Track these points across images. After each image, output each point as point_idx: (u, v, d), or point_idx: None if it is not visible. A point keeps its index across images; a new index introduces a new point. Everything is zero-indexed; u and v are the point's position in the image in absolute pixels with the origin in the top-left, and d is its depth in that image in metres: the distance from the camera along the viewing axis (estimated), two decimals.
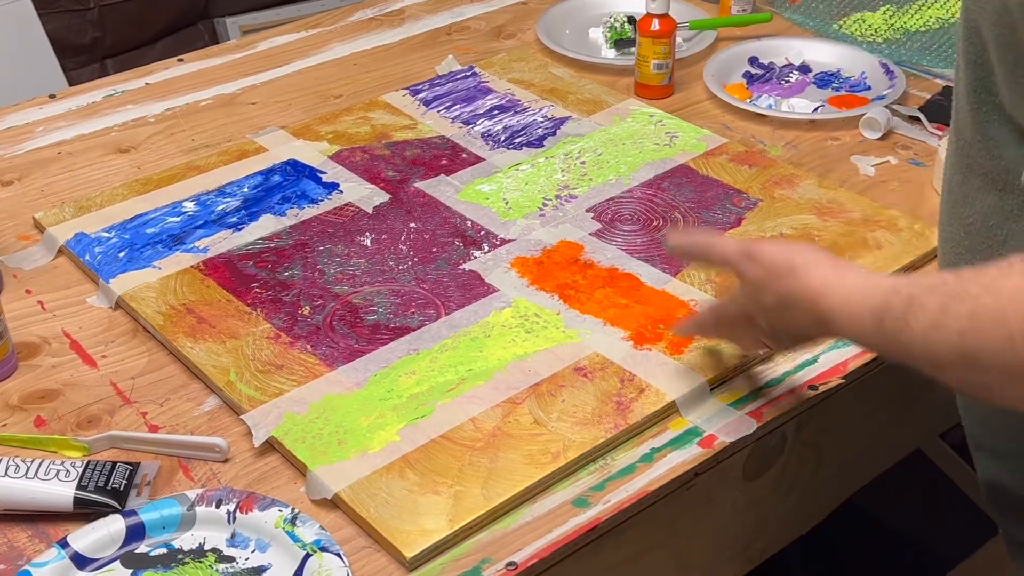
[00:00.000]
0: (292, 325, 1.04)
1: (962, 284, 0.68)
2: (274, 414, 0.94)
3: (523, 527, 0.86)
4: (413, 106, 1.39)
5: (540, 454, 0.90)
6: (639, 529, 0.91)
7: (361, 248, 1.14)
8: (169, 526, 0.85)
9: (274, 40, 1.59)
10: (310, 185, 1.24)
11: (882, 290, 0.74)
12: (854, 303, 0.76)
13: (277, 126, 1.36)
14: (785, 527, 1.10)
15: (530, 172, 1.26)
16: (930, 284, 0.71)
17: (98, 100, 1.45)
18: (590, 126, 1.34)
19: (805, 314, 0.80)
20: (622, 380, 0.97)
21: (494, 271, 1.10)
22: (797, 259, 0.81)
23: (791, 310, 0.82)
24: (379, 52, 1.56)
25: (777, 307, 0.83)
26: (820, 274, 0.79)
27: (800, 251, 0.82)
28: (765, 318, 0.86)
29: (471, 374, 0.98)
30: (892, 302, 0.73)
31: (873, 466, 1.18)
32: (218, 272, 1.11)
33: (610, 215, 1.18)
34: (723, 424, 0.94)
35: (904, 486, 1.58)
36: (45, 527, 0.87)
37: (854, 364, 1.00)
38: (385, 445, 0.91)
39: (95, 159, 1.33)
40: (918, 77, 1.45)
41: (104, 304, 1.09)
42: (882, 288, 0.74)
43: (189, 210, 1.20)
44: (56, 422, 0.96)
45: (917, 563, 1.62)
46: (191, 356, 1.00)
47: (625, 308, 1.05)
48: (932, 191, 1.22)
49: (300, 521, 0.84)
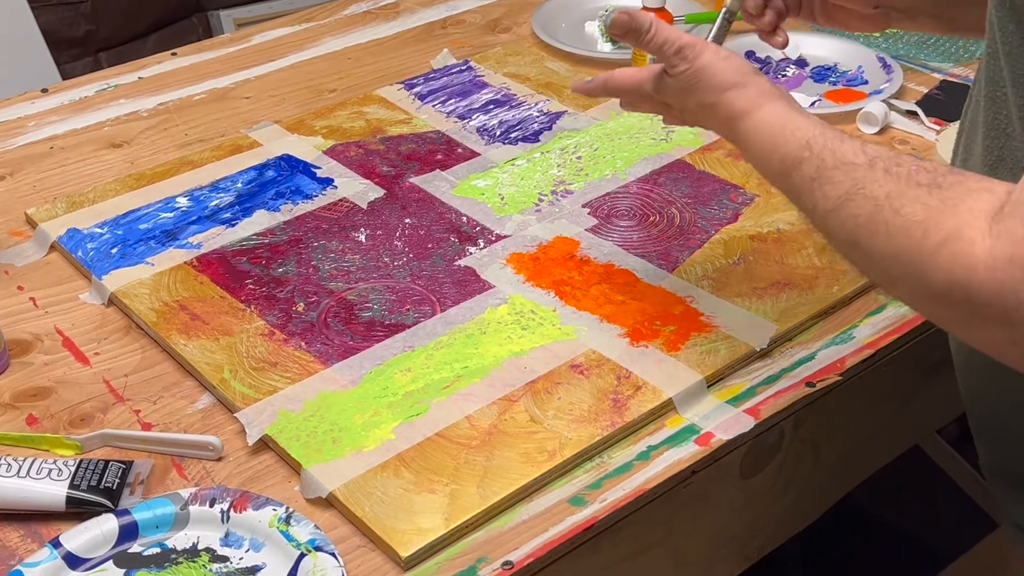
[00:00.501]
0: (286, 322, 1.03)
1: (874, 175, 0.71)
2: (268, 412, 0.93)
3: (519, 526, 0.85)
4: (408, 100, 1.39)
5: (536, 452, 0.89)
6: (636, 527, 0.90)
7: (356, 244, 1.13)
8: (162, 525, 0.85)
9: (268, 34, 1.58)
10: (304, 180, 1.23)
11: (796, 141, 0.77)
12: (766, 139, 0.81)
13: (271, 121, 1.35)
14: (782, 525, 1.10)
15: (526, 167, 1.25)
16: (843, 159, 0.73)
17: (90, 94, 1.44)
18: (586, 121, 1.33)
19: (720, 125, 0.87)
20: (619, 377, 0.96)
21: (490, 267, 1.09)
22: (727, 78, 0.84)
23: (708, 119, 0.87)
24: (373, 46, 1.55)
25: (695, 109, 0.88)
26: (745, 97, 0.83)
27: (733, 71, 0.84)
28: (679, 110, 0.90)
29: (467, 371, 0.97)
30: (803, 159, 0.76)
31: (871, 463, 1.17)
32: (211, 268, 1.10)
33: (606, 210, 1.17)
34: (720, 421, 0.93)
35: (901, 482, 1.57)
36: (37, 527, 0.86)
37: (852, 361, 0.99)
38: (380, 443, 0.90)
39: (88, 154, 1.32)
40: (915, 71, 1.44)
41: (97, 301, 1.08)
42: (796, 138, 0.78)
43: (182, 206, 1.19)
44: (48, 420, 0.95)
45: (914, 559, 1.62)
46: (184, 353, 1.00)
47: (621, 305, 1.04)
48: None
49: (295, 520, 0.84)
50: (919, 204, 0.67)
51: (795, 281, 1.06)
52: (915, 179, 0.69)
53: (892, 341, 1.02)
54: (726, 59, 0.86)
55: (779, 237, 1.12)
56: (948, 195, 0.66)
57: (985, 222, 0.64)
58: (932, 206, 0.66)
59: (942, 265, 0.65)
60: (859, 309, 1.05)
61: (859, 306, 1.06)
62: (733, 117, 0.84)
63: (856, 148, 0.74)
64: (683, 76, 0.86)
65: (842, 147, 0.75)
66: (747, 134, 0.83)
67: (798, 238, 1.12)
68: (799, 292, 1.05)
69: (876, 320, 1.04)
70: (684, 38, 0.86)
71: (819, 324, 1.04)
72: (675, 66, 0.86)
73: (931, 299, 0.67)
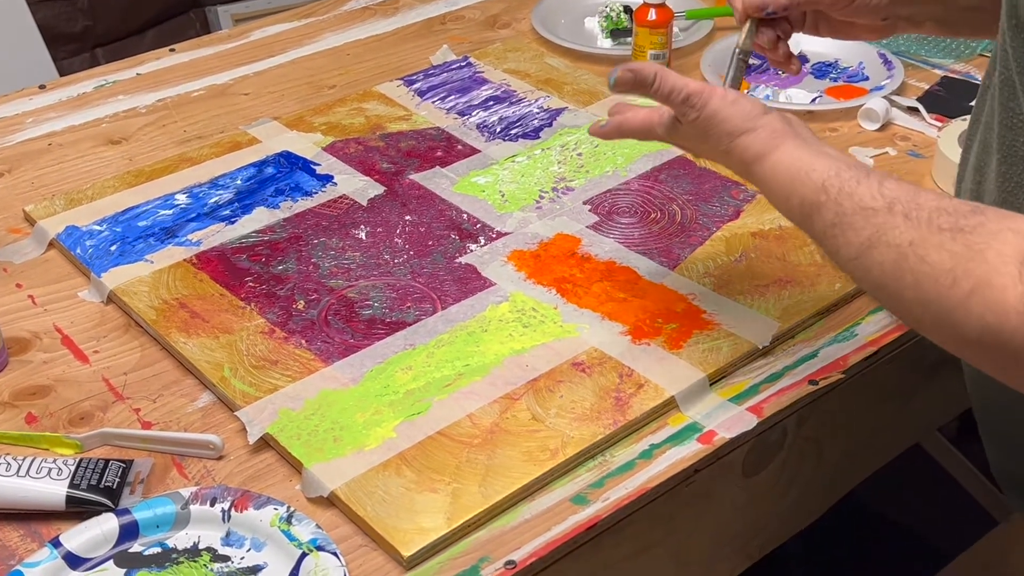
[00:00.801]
0: (287, 320, 1.02)
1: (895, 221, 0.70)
2: (269, 410, 0.93)
3: (522, 525, 0.85)
4: (407, 97, 1.38)
5: (538, 451, 0.89)
6: (638, 526, 0.90)
7: (356, 241, 1.13)
8: (163, 525, 0.84)
9: (267, 29, 1.58)
10: (304, 177, 1.23)
11: (813, 184, 0.77)
12: (783, 183, 0.80)
13: (270, 117, 1.35)
14: (785, 523, 1.09)
15: (526, 164, 1.24)
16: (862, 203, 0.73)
17: (89, 91, 1.43)
18: (587, 117, 1.33)
19: (736, 169, 0.86)
20: (621, 375, 0.96)
21: (490, 265, 1.09)
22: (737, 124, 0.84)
23: (724, 162, 0.88)
24: (373, 42, 1.54)
25: (709, 153, 0.88)
26: (758, 142, 0.82)
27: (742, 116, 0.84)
28: (694, 152, 0.92)
29: (468, 369, 0.97)
30: (821, 204, 0.76)
31: (873, 461, 1.17)
32: (211, 266, 1.09)
33: (607, 208, 1.17)
34: (723, 420, 0.93)
35: (901, 480, 1.57)
36: (37, 526, 0.85)
37: (854, 359, 0.99)
38: (381, 442, 0.90)
39: (86, 151, 1.31)
40: (916, 67, 1.44)
41: (96, 298, 1.08)
42: (812, 181, 0.77)
43: (181, 203, 1.19)
44: (48, 419, 0.95)
45: (915, 556, 1.61)
46: (184, 351, 0.99)
47: (623, 302, 1.04)
48: (931, 183, 1.21)
49: (296, 520, 0.83)
50: (944, 251, 0.67)
51: (797, 278, 1.06)
52: (936, 223, 0.68)
53: (895, 339, 1.01)
54: (734, 103, 0.84)
55: (781, 234, 1.12)
56: (973, 240, 0.66)
57: (1014, 266, 0.64)
58: (958, 252, 0.66)
59: (974, 313, 0.65)
60: (861, 307, 1.05)
61: (861, 303, 1.05)
62: (747, 162, 0.84)
63: (874, 190, 0.73)
64: (694, 124, 0.85)
65: (859, 189, 0.74)
66: (764, 178, 0.83)
67: (800, 235, 1.11)
68: (801, 289, 1.05)
69: (878, 317, 1.04)
70: (690, 85, 0.85)
71: (821, 322, 1.03)
72: (684, 114, 0.85)
73: (964, 345, 0.68)
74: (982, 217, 0.68)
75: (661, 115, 0.89)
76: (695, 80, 0.85)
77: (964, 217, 0.68)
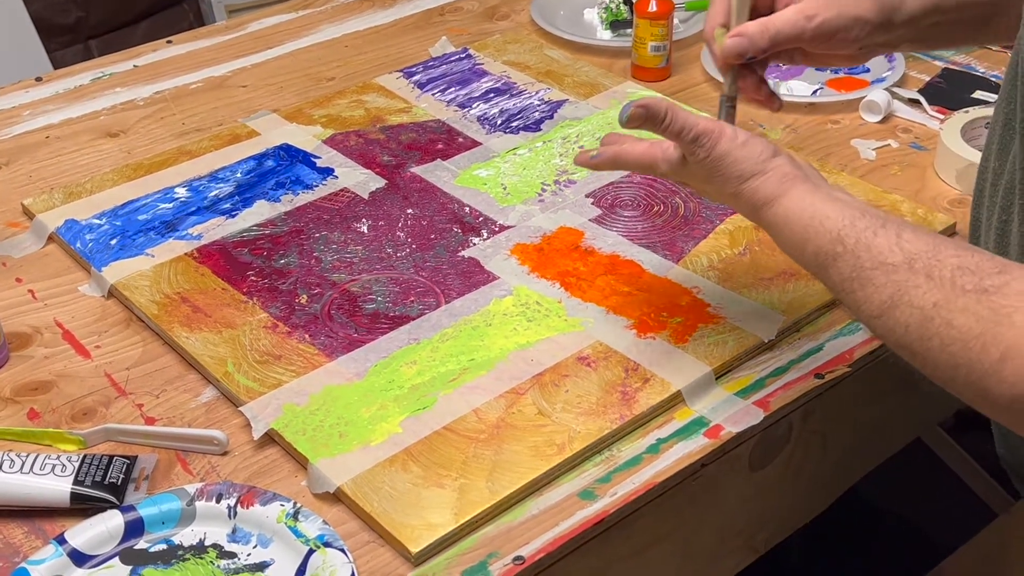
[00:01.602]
0: (289, 314, 1.02)
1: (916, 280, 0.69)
2: (273, 406, 0.92)
3: (529, 520, 0.84)
4: (407, 89, 1.37)
5: (545, 446, 0.88)
6: (646, 521, 0.89)
7: (358, 235, 1.12)
8: (168, 521, 0.84)
9: (264, 21, 1.57)
10: (304, 170, 1.22)
11: (828, 234, 0.76)
12: (796, 230, 0.79)
13: (269, 109, 1.34)
14: (790, 517, 1.09)
15: (528, 157, 1.24)
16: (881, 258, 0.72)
17: (86, 83, 1.42)
18: (588, 109, 1.32)
19: (746, 213, 0.84)
20: (626, 369, 0.95)
21: (494, 258, 1.08)
22: (747, 168, 0.82)
23: (732, 205, 0.85)
24: (371, 33, 1.54)
25: (716, 195, 0.86)
26: (768, 186, 0.81)
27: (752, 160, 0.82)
28: (699, 191, 0.89)
29: (473, 364, 0.96)
30: (837, 255, 0.75)
31: (878, 453, 1.17)
32: (212, 260, 1.09)
33: (610, 200, 1.16)
34: (729, 414, 0.93)
35: (901, 473, 1.57)
36: (41, 523, 0.85)
37: (860, 352, 0.99)
38: (387, 437, 0.89)
39: (84, 144, 1.30)
40: (917, 59, 1.44)
41: (96, 293, 1.07)
42: (827, 230, 0.76)
43: (181, 196, 1.18)
44: (50, 415, 0.94)
45: (915, 550, 1.61)
46: (187, 346, 0.98)
47: (627, 296, 1.03)
48: (934, 175, 1.21)
49: (303, 516, 0.83)
50: (971, 315, 0.66)
51: (801, 271, 1.06)
52: (960, 284, 0.68)
53: None
54: (744, 145, 0.83)
55: None
56: (999, 303, 0.66)
57: None
58: (985, 317, 0.66)
59: (1007, 380, 0.64)
60: None
61: None
62: (757, 207, 0.82)
63: (892, 243, 0.72)
64: (702, 164, 0.84)
65: (876, 241, 0.73)
66: (775, 224, 0.81)
67: None
68: (806, 283, 1.04)
69: None
70: (700, 124, 0.83)
71: (826, 315, 1.03)
72: (693, 153, 0.84)
73: (994, 408, 0.67)
74: (1007, 276, 0.67)
75: (664, 150, 0.87)
76: (706, 118, 0.83)
77: (988, 277, 0.67)
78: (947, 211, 1.15)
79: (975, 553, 1.23)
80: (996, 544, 1.20)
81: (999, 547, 1.19)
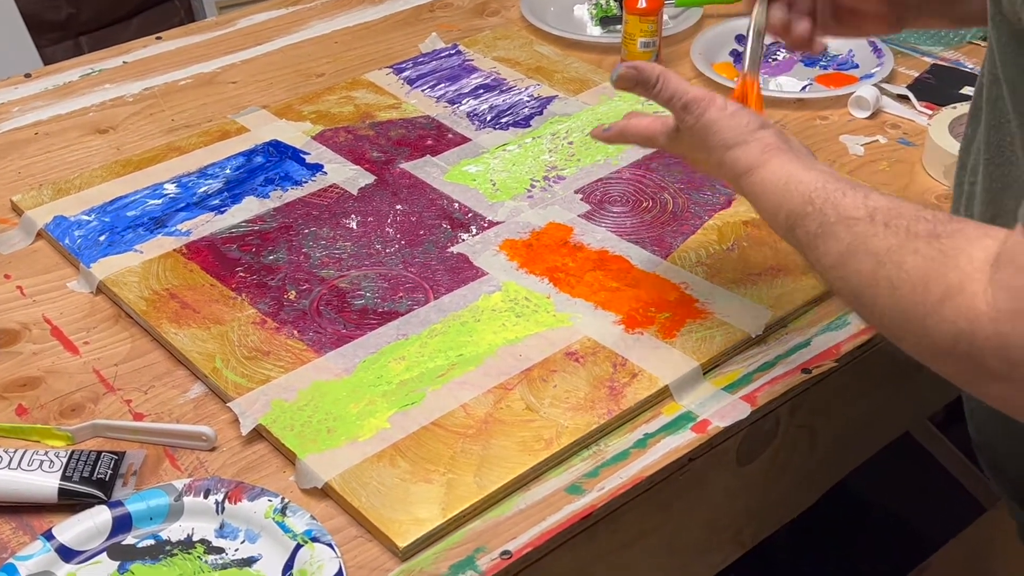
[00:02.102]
0: (278, 310, 1.02)
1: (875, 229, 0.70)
2: (261, 401, 0.92)
3: (517, 515, 0.85)
4: (397, 85, 1.37)
5: (533, 441, 0.89)
6: (633, 515, 0.90)
7: (347, 231, 1.12)
8: (156, 517, 0.84)
9: (254, 17, 1.57)
10: (293, 166, 1.22)
11: (800, 196, 0.77)
12: (772, 196, 0.81)
13: (258, 106, 1.34)
14: (778, 511, 1.10)
15: (517, 153, 1.24)
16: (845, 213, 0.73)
17: (75, 79, 1.42)
18: (577, 105, 1.32)
19: (729, 181, 0.86)
20: (614, 365, 0.96)
21: (483, 254, 1.09)
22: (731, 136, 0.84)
23: (718, 174, 0.88)
24: (361, 30, 1.54)
25: (705, 163, 0.88)
26: (750, 155, 0.83)
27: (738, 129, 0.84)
28: (692, 162, 0.91)
29: (461, 359, 0.96)
30: (806, 214, 0.76)
31: (865, 449, 1.18)
32: (201, 256, 1.09)
33: (599, 196, 1.17)
34: (717, 408, 0.93)
35: (890, 467, 1.58)
36: (29, 519, 0.85)
37: (847, 347, 0.99)
38: (375, 432, 0.89)
39: (73, 140, 1.30)
40: (906, 55, 1.44)
41: (85, 289, 1.07)
42: (799, 193, 0.78)
43: (170, 192, 1.18)
44: (38, 411, 0.94)
45: (904, 544, 1.62)
46: (175, 342, 0.98)
47: (616, 291, 1.03)
48: (922, 171, 1.22)
49: (290, 511, 0.83)
50: (919, 257, 0.66)
51: (789, 267, 1.06)
52: (914, 230, 0.67)
53: None
54: (732, 115, 0.84)
55: None
56: (948, 245, 0.65)
57: (986, 274, 0.62)
58: (933, 258, 0.65)
59: (946, 318, 0.63)
60: None
61: None
62: (738, 175, 0.84)
63: (858, 201, 0.73)
64: (691, 131, 0.86)
65: (844, 200, 0.73)
66: (753, 192, 0.83)
67: None
68: (793, 278, 1.05)
69: None
70: (691, 92, 0.85)
71: (814, 310, 1.03)
72: (683, 120, 0.86)
73: (936, 354, 0.66)
74: (961, 224, 0.66)
75: (665, 123, 0.89)
76: (698, 87, 0.85)
77: (942, 224, 0.67)
78: (935, 206, 1.15)
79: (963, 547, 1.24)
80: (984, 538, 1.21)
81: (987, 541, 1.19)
